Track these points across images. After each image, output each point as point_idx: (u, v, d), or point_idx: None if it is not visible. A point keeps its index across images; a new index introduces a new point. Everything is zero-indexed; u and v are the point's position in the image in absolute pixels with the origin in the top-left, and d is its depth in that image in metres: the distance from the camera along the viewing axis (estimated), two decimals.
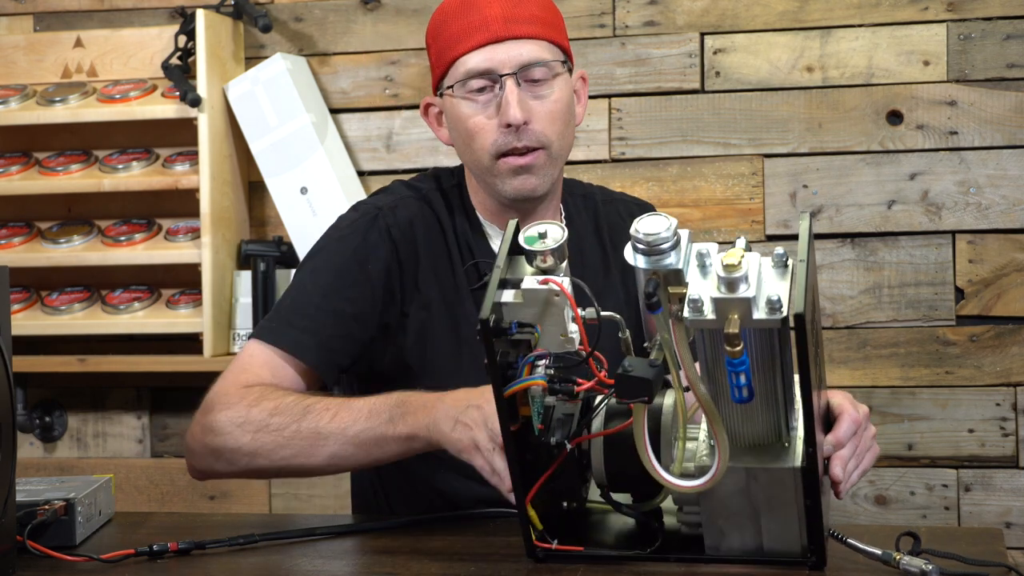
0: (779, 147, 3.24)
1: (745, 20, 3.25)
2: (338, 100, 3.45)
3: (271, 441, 1.83)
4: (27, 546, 1.73)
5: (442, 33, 1.98)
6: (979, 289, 3.15)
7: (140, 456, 3.57)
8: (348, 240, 1.98)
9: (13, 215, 3.57)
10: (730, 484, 1.51)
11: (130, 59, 3.52)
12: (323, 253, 2.00)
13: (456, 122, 1.98)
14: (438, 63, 1.99)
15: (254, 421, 1.84)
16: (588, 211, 2.13)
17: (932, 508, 3.15)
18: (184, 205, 3.41)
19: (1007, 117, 3.13)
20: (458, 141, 2.00)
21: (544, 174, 1.96)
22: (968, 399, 3.16)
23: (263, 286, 3.34)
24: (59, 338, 3.52)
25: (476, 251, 2.02)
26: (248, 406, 1.85)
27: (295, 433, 1.83)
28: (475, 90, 1.95)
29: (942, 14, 3.16)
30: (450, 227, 2.03)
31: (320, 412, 1.83)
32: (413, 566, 1.67)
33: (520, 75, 1.93)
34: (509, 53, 1.93)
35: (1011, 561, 1.63)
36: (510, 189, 1.96)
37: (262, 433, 1.84)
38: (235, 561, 1.74)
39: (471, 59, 1.94)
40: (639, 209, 2.16)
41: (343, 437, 1.82)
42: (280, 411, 1.84)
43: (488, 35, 1.93)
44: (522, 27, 1.94)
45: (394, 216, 2.00)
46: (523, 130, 1.93)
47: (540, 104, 1.94)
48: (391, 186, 2.09)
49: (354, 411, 1.82)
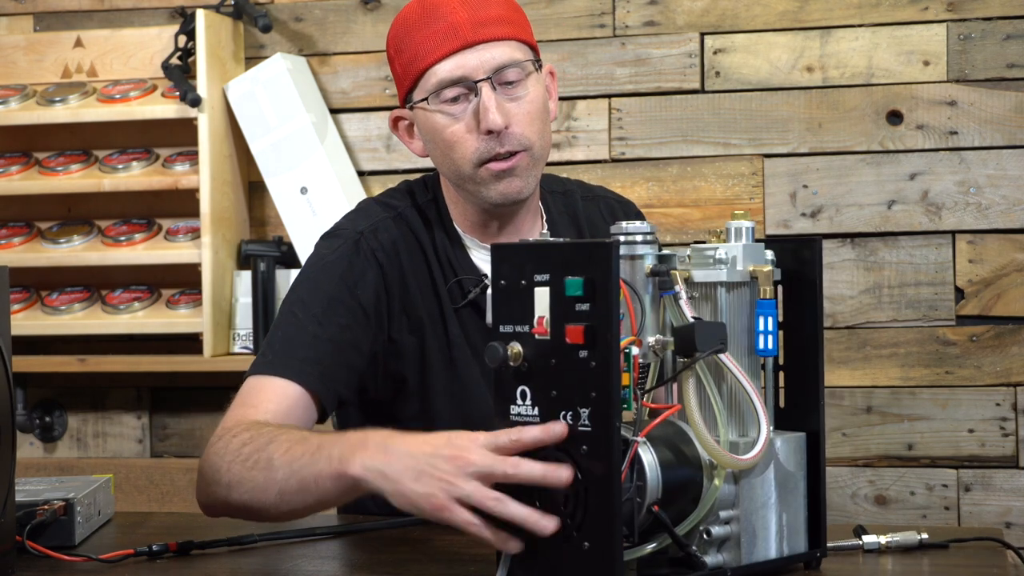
0: (779, 147, 3.24)
1: (745, 20, 3.25)
2: (338, 100, 3.45)
3: (239, 473, 1.68)
4: (26, 546, 1.73)
5: (407, 44, 1.91)
6: (979, 289, 3.15)
7: (140, 456, 3.57)
8: (334, 267, 1.91)
9: (13, 215, 3.58)
10: (762, 466, 1.50)
11: (130, 59, 3.52)
12: (309, 283, 1.92)
13: (432, 134, 1.92)
14: (405, 75, 1.92)
15: (231, 451, 1.70)
16: (568, 210, 2.09)
17: (932, 508, 3.15)
18: (184, 205, 3.41)
19: (1007, 117, 3.13)
20: (435, 153, 1.94)
21: (528, 175, 1.91)
22: (968, 399, 3.15)
23: (263, 286, 3.34)
24: (59, 338, 3.52)
25: (457, 267, 1.97)
26: (231, 436, 1.72)
27: (255, 464, 1.66)
28: (449, 100, 1.88)
29: (942, 14, 3.16)
30: (429, 245, 1.97)
31: (281, 443, 1.65)
32: (413, 566, 1.67)
33: (495, 78, 1.88)
34: (481, 58, 1.87)
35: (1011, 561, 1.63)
36: (495, 195, 1.90)
37: (235, 464, 1.69)
38: (235, 561, 1.74)
39: (442, 68, 1.88)
40: (620, 206, 2.13)
41: (288, 470, 1.62)
42: (251, 440, 1.69)
43: (458, 42, 1.87)
44: (491, 30, 1.89)
45: (376, 239, 1.93)
46: (504, 135, 1.88)
47: (517, 106, 1.89)
48: (364, 206, 2.02)
49: (308, 444, 1.61)
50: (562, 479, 1.39)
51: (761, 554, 1.51)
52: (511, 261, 1.46)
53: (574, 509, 1.39)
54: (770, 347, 1.51)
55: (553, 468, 1.40)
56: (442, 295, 1.96)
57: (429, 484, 1.45)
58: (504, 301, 1.46)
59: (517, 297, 1.44)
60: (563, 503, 1.40)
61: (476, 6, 1.89)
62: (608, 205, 2.13)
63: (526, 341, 1.43)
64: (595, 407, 1.38)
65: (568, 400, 1.40)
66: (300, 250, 3.32)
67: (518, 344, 1.44)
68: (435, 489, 1.44)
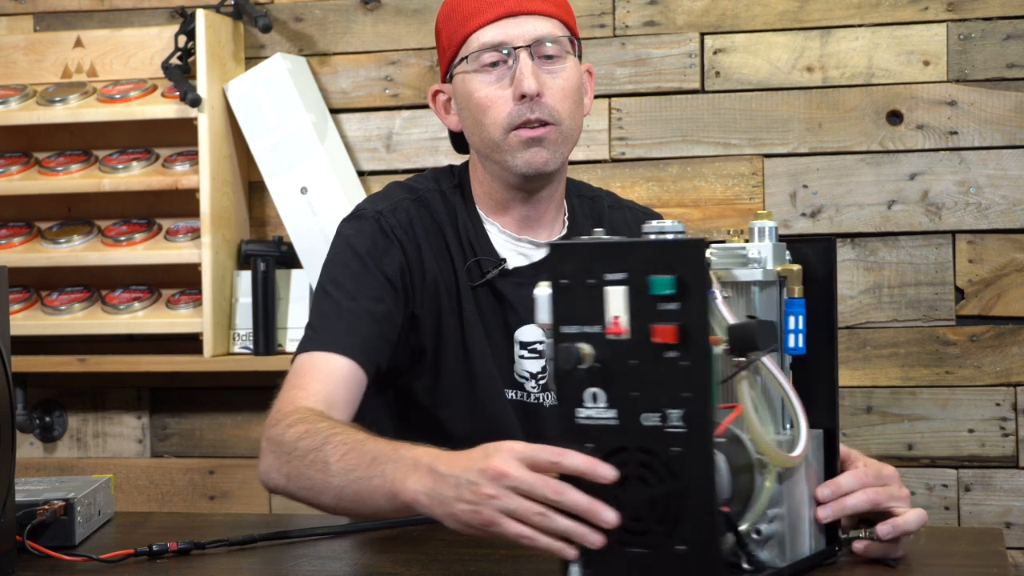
0: (779, 147, 3.24)
1: (745, 20, 3.25)
2: (338, 100, 3.45)
3: (297, 467, 1.73)
4: (26, 546, 1.73)
5: (455, 14, 1.99)
6: (979, 289, 3.15)
7: (140, 456, 3.57)
8: (358, 245, 1.98)
9: (13, 215, 3.58)
10: (802, 464, 1.51)
11: (130, 59, 3.52)
12: (335, 263, 1.99)
13: (467, 98, 1.98)
14: (450, 44, 1.99)
15: (287, 443, 1.75)
16: (593, 214, 2.12)
17: (932, 508, 3.15)
18: (184, 205, 3.41)
19: (1007, 117, 3.13)
20: (468, 120, 1.99)
21: (555, 149, 1.95)
22: (968, 399, 3.16)
23: (263, 286, 3.34)
24: (59, 338, 3.52)
25: (478, 248, 2.02)
26: (287, 426, 1.77)
27: (311, 463, 1.71)
28: (488, 64, 1.95)
29: (942, 14, 3.16)
30: (450, 226, 2.02)
31: (336, 445, 1.70)
32: (413, 566, 1.67)
33: (534, 48, 1.94)
34: (523, 27, 1.95)
35: (1011, 561, 1.63)
36: (521, 163, 1.95)
37: (293, 457, 1.74)
38: (235, 561, 1.74)
39: (485, 33, 1.95)
40: (646, 216, 2.16)
41: (345, 479, 1.67)
42: (307, 435, 1.74)
43: (502, 9, 1.95)
44: (536, 3, 1.96)
45: (395, 217, 1.99)
46: (536, 102, 1.93)
47: (552, 79, 1.95)
48: (387, 189, 2.08)
49: (363, 454, 1.66)
50: (608, 521, 1.39)
51: (800, 551, 1.51)
52: (574, 260, 1.42)
53: (662, 514, 1.38)
54: (800, 345, 1.52)
55: (599, 506, 1.39)
56: (459, 273, 2.01)
57: (475, 502, 1.46)
58: (568, 301, 1.42)
59: (583, 297, 1.41)
60: (647, 509, 1.38)
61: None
62: (634, 215, 2.16)
63: (596, 342, 1.40)
64: (689, 407, 1.36)
65: (654, 401, 1.38)
66: (300, 250, 3.32)
67: (588, 345, 1.41)
68: (481, 506, 1.45)
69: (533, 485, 1.41)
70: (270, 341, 3.33)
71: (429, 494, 1.52)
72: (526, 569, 1.63)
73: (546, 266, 1.45)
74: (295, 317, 3.35)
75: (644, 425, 1.38)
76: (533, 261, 2.04)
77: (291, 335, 3.35)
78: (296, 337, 3.32)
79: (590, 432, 1.42)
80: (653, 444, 1.38)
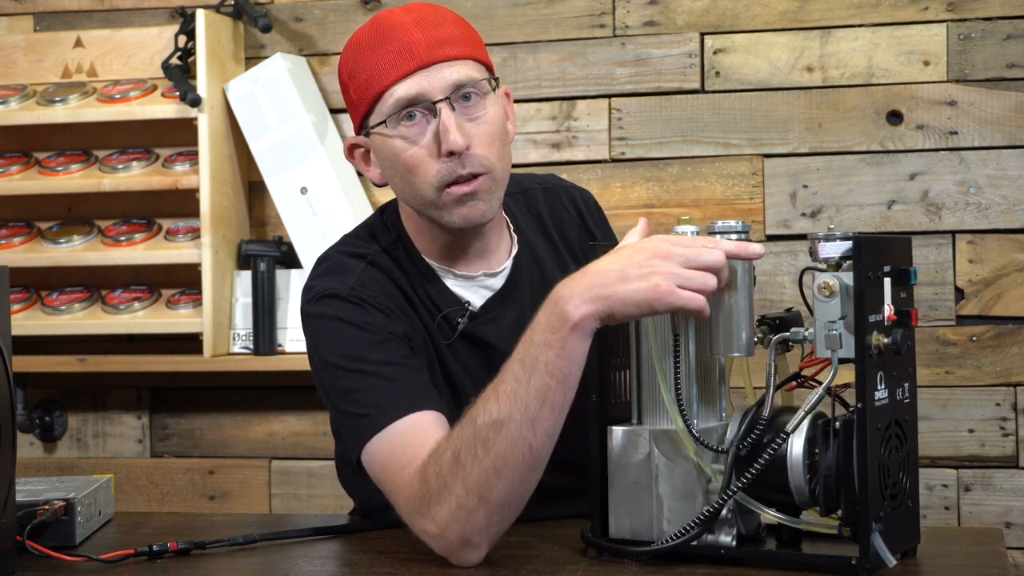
0: (779, 147, 3.24)
1: (745, 20, 3.25)
2: (338, 100, 3.44)
3: (476, 473, 1.65)
4: (27, 546, 1.73)
5: (361, 68, 1.86)
6: (979, 289, 3.15)
7: (140, 456, 3.57)
8: (355, 319, 1.85)
9: (13, 215, 3.58)
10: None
11: (130, 59, 3.52)
12: (345, 344, 1.85)
13: (391, 159, 1.87)
14: (360, 100, 1.87)
15: (444, 476, 1.66)
16: (531, 210, 2.06)
17: (932, 508, 3.15)
18: (184, 205, 3.41)
19: (1007, 117, 3.13)
20: (394, 179, 1.89)
21: (490, 199, 1.87)
22: (968, 399, 3.16)
23: (263, 286, 3.34)
24: (59, 338, 3.52)
25: (439, 301, 1.93)
26: (420, 482, 1.68)
27: (481, 444, 1.64)
28: (407, 123, 1.84)
29: (942, 14, 3.16)
30: (408, 286, 1.93)
31: (477, 413, 1.66)
32: (413, 566, 1.67)
33: (453, 98, 1.83)
34: (437, 77, 1.83)
35: (1011, 561, 1.64)
36: (458, 219, 1.86)
37: (463, 478, 1.65)
38: (235, 561, 1.74)
39: (399, 89, 1.83)
40: (579, 194, 2.11)
41: (514, 406, 1.63)
42: (452, 444, 1.67)
43: (415, 62, 1.82)
44: (447, 50, 1.84)
45: (367, 291, 1.88)
46: (465, 156, 1.83)
47: (476, 127, 1.85)
48: (336, 262, 1.94)
49: (504, 381, 1.65)
50: (756, 252, 1.60)
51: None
52: (872, 254, 1.56)
53: (901, 474, 1.60)
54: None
55: (743, 245, 1.59)
56: (432, 331, 1.92)
57: (648, 279, 1.57)
58: (870, 293, 1.57)
59: (873, 289, 1.57)
60: (900, 470, 1.60)
61: (431, 26, 1.85)
62: (568, 195, 2.10)
63: (881, 329, 1.57)
64: (911, 381, 1.64)
65: (901, 377, 1.61)
66: (300, 250, 3.32)
67: (880, 333, 1.56)
68: (657, 280, 1.57)
69: (687, 251, 1.58)
70: (270, 341, 3.33)
71: (593, 294, 1.60)
72: (526, 569, 1.63)
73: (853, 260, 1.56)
74: (295, 317, 3.35)
75: (897, 399, 1.61)
76: (496, 291, 1.96)
77: (291, 335, 3.35)
78: (296, 337, 3.32)
79: None
80: (900, 414, 1.62)
